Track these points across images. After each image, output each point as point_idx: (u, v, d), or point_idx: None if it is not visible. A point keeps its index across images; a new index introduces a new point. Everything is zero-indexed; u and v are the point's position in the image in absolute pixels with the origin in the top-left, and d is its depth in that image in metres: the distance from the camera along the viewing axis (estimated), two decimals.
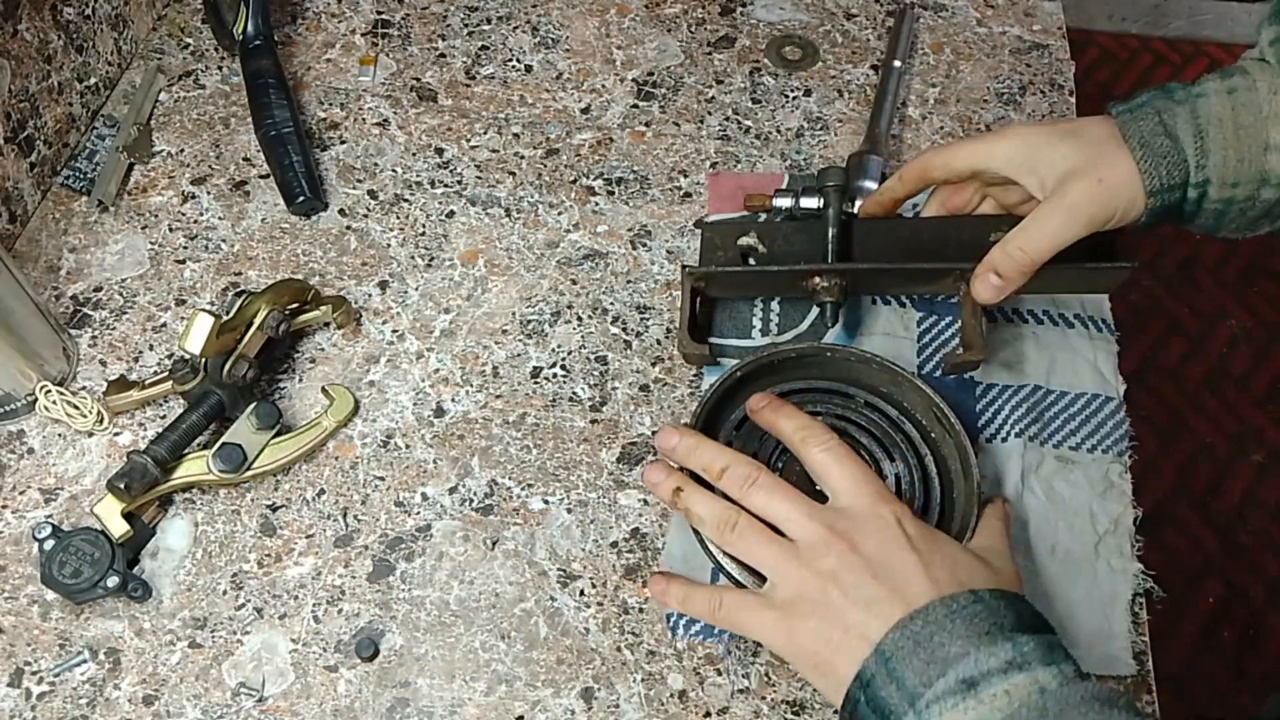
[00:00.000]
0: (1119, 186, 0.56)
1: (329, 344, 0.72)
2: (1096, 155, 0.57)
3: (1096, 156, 0.57)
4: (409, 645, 0.60)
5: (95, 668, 0.59)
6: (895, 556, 0.49)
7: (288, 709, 0.58)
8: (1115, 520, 0.63)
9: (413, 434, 0.68)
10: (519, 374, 0.70)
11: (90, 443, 0.67)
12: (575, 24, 0.91)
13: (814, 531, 0.51)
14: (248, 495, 0.65)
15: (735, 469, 0.54)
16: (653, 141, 0.83)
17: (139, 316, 0.73)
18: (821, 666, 0.49)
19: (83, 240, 0.76)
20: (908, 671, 0.45)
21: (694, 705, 0.58)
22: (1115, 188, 0.56)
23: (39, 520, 0.61)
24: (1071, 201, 0.57)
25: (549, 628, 0.61)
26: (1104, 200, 0.56)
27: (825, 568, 0.50)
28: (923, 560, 0.49)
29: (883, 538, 0.50)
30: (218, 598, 0.61)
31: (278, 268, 0.75)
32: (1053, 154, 0.59)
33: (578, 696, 0.59)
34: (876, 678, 0.46)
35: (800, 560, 0.50)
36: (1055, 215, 0.57)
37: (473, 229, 0.77)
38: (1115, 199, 0.56)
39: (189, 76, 0.86)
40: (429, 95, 0.85)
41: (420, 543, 0.64)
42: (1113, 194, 0.56)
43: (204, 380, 0.64)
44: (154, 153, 0.81)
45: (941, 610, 0.46)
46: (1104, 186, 0.56)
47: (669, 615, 0.61)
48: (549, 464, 0.67)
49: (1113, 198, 0.56)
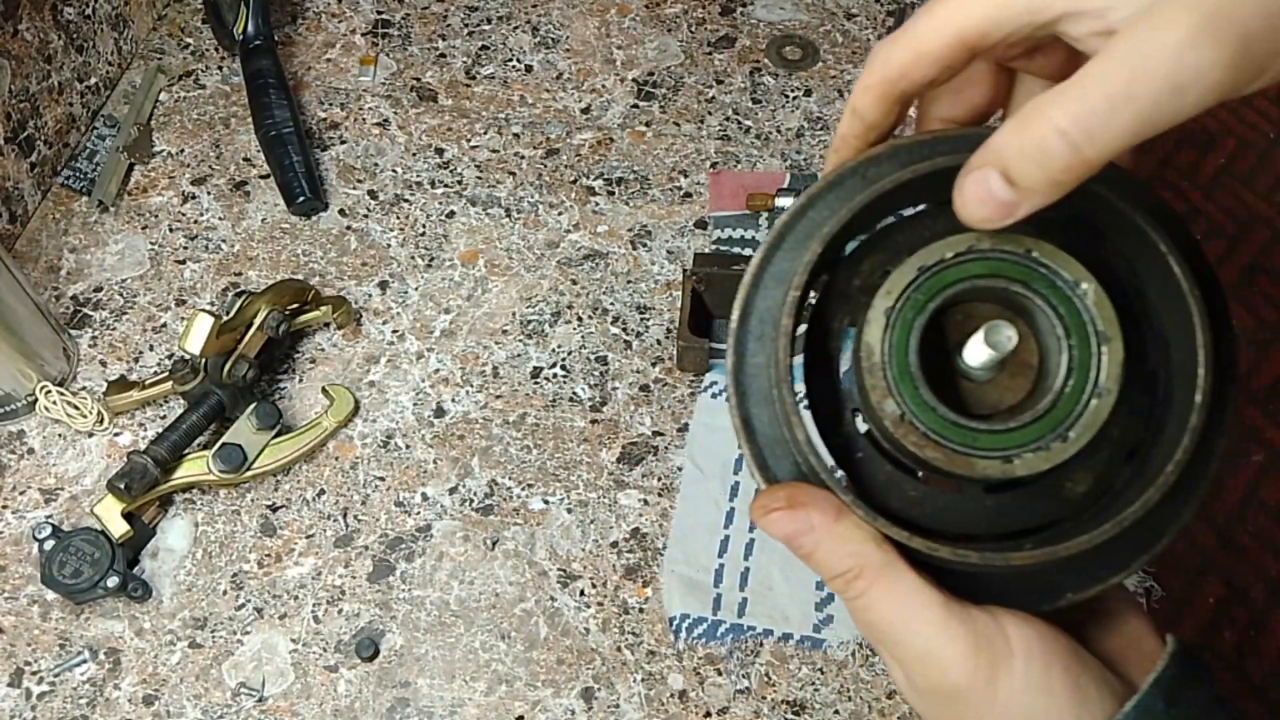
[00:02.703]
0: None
1: (329, 344, 0.72)
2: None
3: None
4: (409, 645, 0.60)
5: (95, 668, 0.59)
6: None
7: (288, 709, 0.58)
8: None
9: (413, 434, 0.68)
10: (519, 374, 0.70)
11: (90, 443, 0.67)
12: (575, 24, 0.91)
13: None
14: (248, 495, 0.65)
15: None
16: (653, 141, 0.83)
17: (139, 317, 0.73)
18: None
19: (83, 240, 0.76)
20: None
21: (694, 705, 0.58)
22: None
23: (39, 520, 0.61)
24: (1199, 10, 0.25)
25: (549, 628, 0.61)
26: (1268, 7, 0.25)
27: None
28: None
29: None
30: (218, 598, 0.61)
31: (278, 268, 0.75)
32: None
33: (578, 696, 0.59)
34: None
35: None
36: (1152, 40, 0.26)
37: (473, 229, 0.77)
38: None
39: (189, 76, 0.86)
40: (429, 95, 0.85)
41: (420, 543, 0.64)
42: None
43: (204, 380, 0.64)
44: (154, 153, 0.81)
45: None
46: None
47: (671, 617, 0.61)
48: (549, 464, 0.67)
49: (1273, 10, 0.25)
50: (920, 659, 0.32)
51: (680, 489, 0.65)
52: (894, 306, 0.32)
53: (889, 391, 0.32)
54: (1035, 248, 0.31)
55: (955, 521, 0.33)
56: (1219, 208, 1.89)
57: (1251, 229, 1.87)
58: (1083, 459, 0.32)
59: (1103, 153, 0.26)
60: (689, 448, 0.67)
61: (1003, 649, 0.32)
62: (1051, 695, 0.32)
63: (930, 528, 0.33)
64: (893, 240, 0.34)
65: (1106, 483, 0.32)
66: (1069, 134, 0.26)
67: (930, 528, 0.33)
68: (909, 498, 0.33)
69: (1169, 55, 0.25)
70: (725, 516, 0.64)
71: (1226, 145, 1.96)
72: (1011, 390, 0.33)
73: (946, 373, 0.33)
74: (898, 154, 0.34)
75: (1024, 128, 0.27)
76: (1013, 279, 0.31)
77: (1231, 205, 1.90)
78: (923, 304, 0.32)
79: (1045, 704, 0.31)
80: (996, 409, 0.33)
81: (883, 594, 0.32)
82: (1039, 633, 0.32)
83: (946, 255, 0.32)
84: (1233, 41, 0.25)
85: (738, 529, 0.64)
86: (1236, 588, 1.54)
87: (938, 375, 0.33)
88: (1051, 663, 0.32)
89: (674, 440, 0.67)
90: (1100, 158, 0.26)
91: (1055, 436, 0.31)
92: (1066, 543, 0.30)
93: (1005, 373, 0.33)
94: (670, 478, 0.66)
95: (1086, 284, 0.31)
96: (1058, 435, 0.31)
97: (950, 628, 0.31)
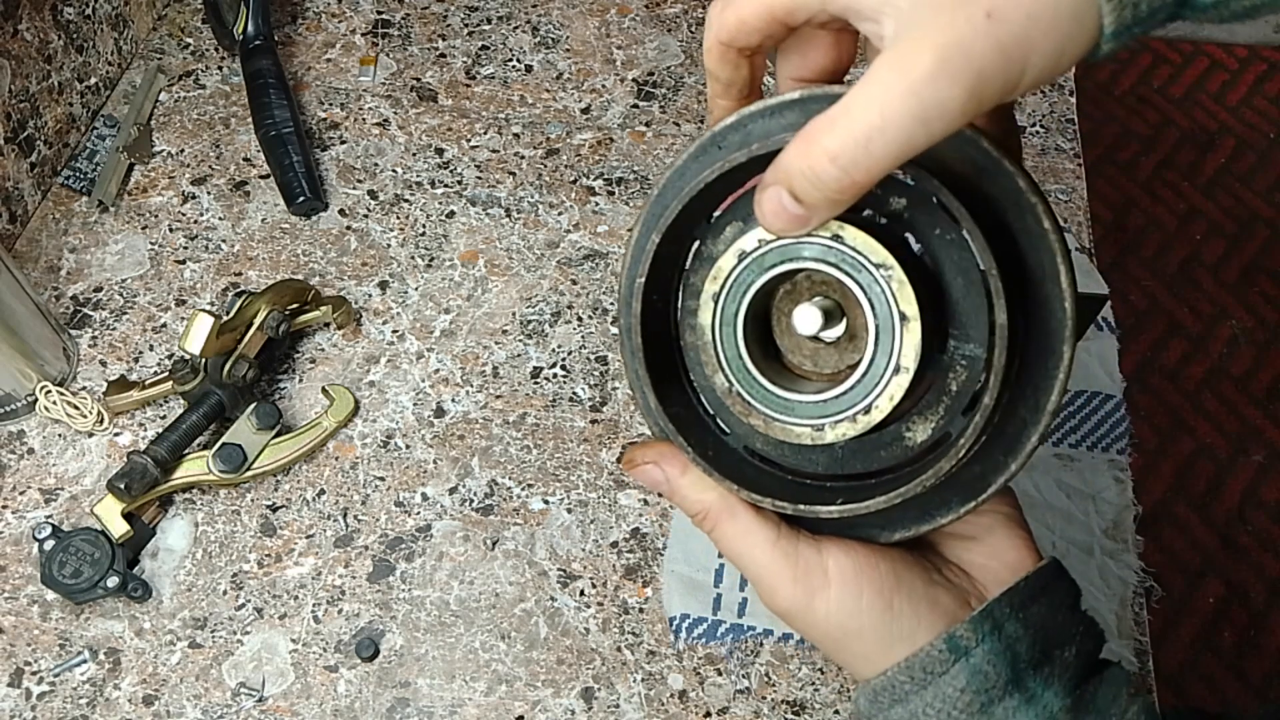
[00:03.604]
0: (1035, 13, 0.28)
1: (329, 344, 0.72)
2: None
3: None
4: (409, 645, 0.60)
5: (95, 668, 0.59)
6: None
7: (288, 709, 0.58)
8: (1115, 519, 0.63)
9: (413, 434, 0.68)
10: (519, 374, 0.70)
11: (90, 443, 0.67)
12: (575, 24, 0.91)
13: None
14: (248, 495, 0.65)
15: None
16: (653, 141, 0.83)
17: (139, 317, 0.73)
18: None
19: (83, 240, 0.76)
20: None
21: (694, 705, 0.58)
22: (1027, 19, 0.28)
23: (39, 520, 0.61)
24: (937, 51, 0.28)
25: (549, 628, 0.61)
26: (1002, 44, 0.28)
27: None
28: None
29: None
30: (218, 598, 0.61)
31: (278, 268, 0.75)
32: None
33: (578, 696, 0.59)
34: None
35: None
36: (899, 81, 0.28)
37: (473, 229, 0.77)
38: (1027, 39, 0.28)
39: (189, 76, 0.86)
40: (429, 95, 0.85)
41: (420, 543, 0.64)
42: (1022, 31, 0.28)
43: (204, 380, 0.64)
44: (154, 153, 0.81)
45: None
46: (997, 22, 0.28)
47: (671, 617, 0.61)
48: (549, 464, 0.67)
49: (1022, 37, 0.28)
50: (758, 583, 0.39)
51: None
52: (720, 291, 0.36)
53: (718, 367, 0.36)
54: (842, 232, 0.33)
55: (810, 462, 0.39)
56: (1219, 208, 1.89)
57: (1251, 229, 1.87)
58: (911, 417, 0.36)
59: (869, 175, 0.29)
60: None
61: (819, 579, 0.38)
62: (860, 615, 0.38)
63: (787, 467, 0.39)
64: (749, 205, 0.37)
65: (945, 431, 0.36)
66: (839, 160, 0.29)
67: (787, 467, 0.39)
68: (771, 442, 0.39)
69: (911, 93, 0.28)
70: None
71: (1226, 145, 1.96)
72: (833, 358, 0.37)
73: (770, 340, 0.38)
74: (744, 122, 0.39)
75: (804, 152, 0.30)
76: (826, 261, 0.34)
77: (1231, 205, 1.90)
78: (746, 288, 0.35)
79: (856, 623, 0.38)
80: (820, 374, 0.37)
81: (725, 531, 0.39)
82: (856, 562, 0.38)
83: (765, 238, 0.35)
84: (969, 78, 0.28)
85: None
86: (1236, 588, 1.54)
87: (763, 341, 0.37)
88: (864, 588, 0.38)
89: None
90: (869, 179, 0.30)
91: (861, 409, 0.34)
92: (866, 502, 0.36)
93: (825, 344, 0.37)
94: None
95: (891, 268, 0.33)
96: (864, 408, 0.34)
97: (775, 560, 0.38)
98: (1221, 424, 1.69)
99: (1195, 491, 1.63)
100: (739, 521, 0.39)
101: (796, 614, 0.39)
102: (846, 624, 0.38)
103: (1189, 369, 1.74)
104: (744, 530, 0.39)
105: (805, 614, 0.38)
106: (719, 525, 0.39)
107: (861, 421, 0.34)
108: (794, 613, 0.39)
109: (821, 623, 0.38)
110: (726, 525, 0.39)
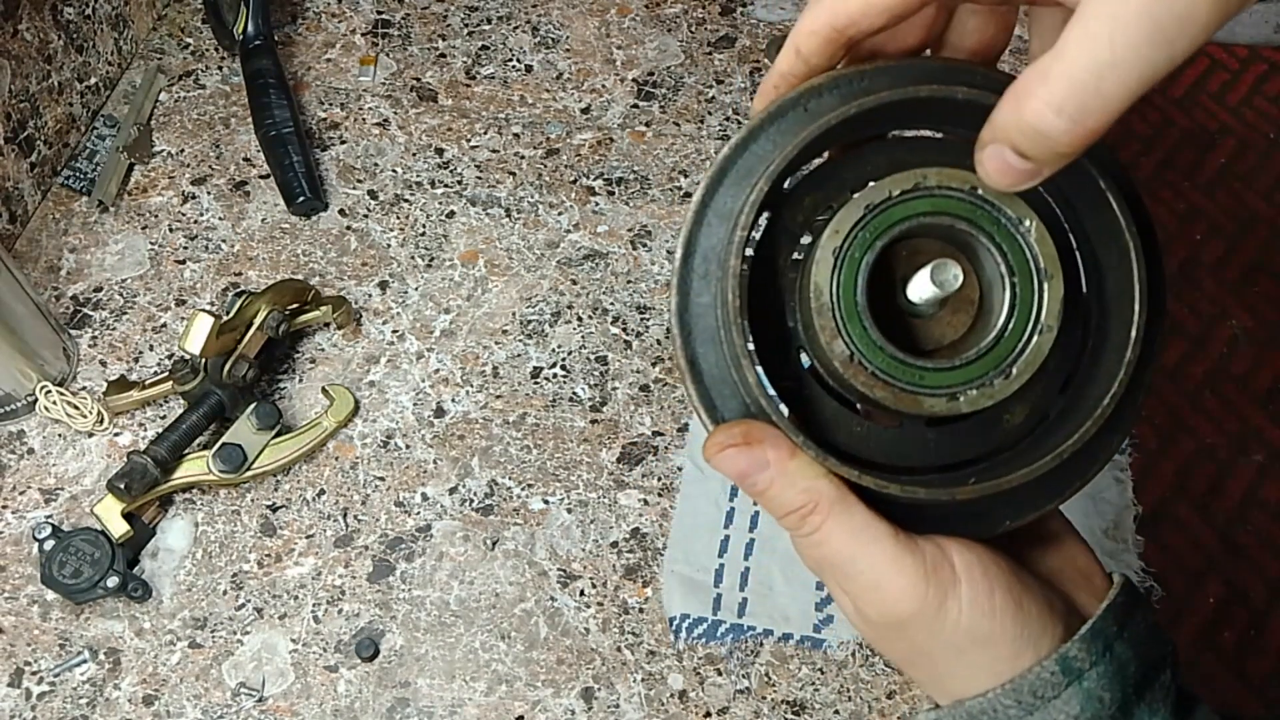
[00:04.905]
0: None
1: (329, 344, 0.72)
2: None
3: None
4: (409, 645, 0.60)
5: (95, 668, 0.59)
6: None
7: (288, 709, 0.58)
8: (1115, 519, 0.63)
9: (413, 434, 0.68)
10: (519, 374, 0.70)
11: (90, 443, 0.67)
12: (575, 24, 0.91)
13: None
14: (248, 495, 0.65)
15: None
16: (653, 141, 0.83)
17: (139, 316, 0.73)
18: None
19: (83, 240, 0.76)
20: None
21: (694, 705, 0.58)
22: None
23: (39, 520, 0.61)
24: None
25: (549, 628, 0.61)
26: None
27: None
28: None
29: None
30: (218, 598, 0.61)
31: (278, 268, 0.75)
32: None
33: (578, 696, 0.59)
34: None
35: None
36: (1124, 6, 0.25)
37: (473, 229, 0.77)
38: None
39: (189, 76, 0.86)
40: (429, 95, 0.85)
41: (420, 543, 0.64)
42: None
43: (204, 380, 0.64)
44: (154, 153, 0.81)
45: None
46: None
47: (671, 617, 0.61)
48: (549, 464, 0.67)
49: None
50: (872, 589, 0.33)
51: (680, 489, 0.65)
52: (842, 246, 0.32)
53: (838, 332, 0.32)
54: (979, 184, 0.31)
55: (898, 454, 0.34)
56: (1219, 208, 1.89)
57: (1251, 229, 1.87)
58: (1022, 392, 0.32)
59: (1103, 120, 0.26)
60: (689, 448, 0.67)
61: (949, 577, 0.32)
62: (995, 617, 0.33)
63: (874, 462, 0.34)
64: (836, 176, 0.34)
65: (1042, 413, 0.33)
66: (1065, 110, 0.26)
67: (874, 462, 0.34)
68: (854, 434, 0.34)
69: (1144, 13, 0.24)
70: (725, 516, 0.64)
71: (1226, 145, 1.96)
72: (954, 326, 0.33)
73: (890, 308, 0.34)
74: (838, 85, 0.34)
75: (1020, 108, 0.27)
76: (958, 216, 0.31)
77: (1231, 205, 1.90)
78: (870, 242, 0.32)
79: (989, 626, 0.33)
80: (940, 344, 0.34)
81: (836, 528, 0.32)
82: (981, 559, 0.33)
83: (893, 192, 0.32)
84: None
85: (738, 529, 0.64)
86: (1236, 588, 1.54)
87: (882, 311, 0.33)
88: (994, 586, 0.33)
89: (674, 440, 0.67)
90: (1103, 124, 0.26)
91: (999, 373, 0.32)
92: (1008, 476, 0.31)
93: (948, 309, 0.33)
94: (670, 478, 0.66)
95: (1029, 221, 0.31)
96: (1001, 372, 0.32)
97: (900, 559, 0.32)
98: (1222, 424, 1.69)
99: (1196, 491, 1.63)
100: (855, 515, 0.32)
101: (923, 620, 0.32)
102: (978, 628, 0.32)
103: (1189, 369, 1.74)
104: (861, 524, 0.32)
105: (934, 619, 0.32)
106: (830, 519, 0.32)
107: (999, 386, 0.31)
108: (921, 618, 0.32)
109: (950, 629, 0.33)
110: (840, 519, 0.32)
